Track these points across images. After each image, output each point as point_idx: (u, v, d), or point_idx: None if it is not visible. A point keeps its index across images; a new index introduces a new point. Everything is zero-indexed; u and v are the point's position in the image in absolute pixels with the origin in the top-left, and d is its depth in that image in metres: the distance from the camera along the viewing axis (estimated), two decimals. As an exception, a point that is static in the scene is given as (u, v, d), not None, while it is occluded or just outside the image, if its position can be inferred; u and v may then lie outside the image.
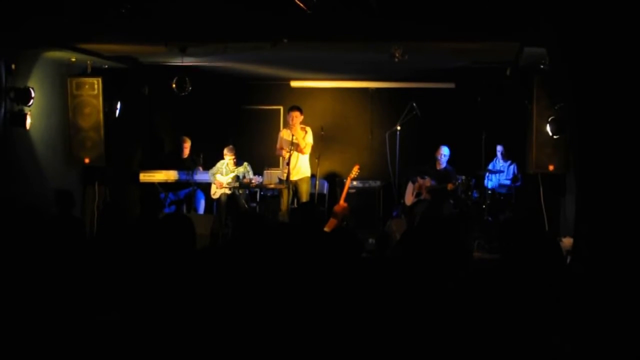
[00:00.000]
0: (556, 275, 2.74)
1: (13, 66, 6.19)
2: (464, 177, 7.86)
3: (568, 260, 4.76)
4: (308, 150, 7.87)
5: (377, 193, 8.84)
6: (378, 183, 8.87)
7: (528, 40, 5.74)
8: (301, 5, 5.11)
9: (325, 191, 9.02)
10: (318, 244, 3.48)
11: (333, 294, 2.85)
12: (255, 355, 2.64)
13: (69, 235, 4.31)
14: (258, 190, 8.64)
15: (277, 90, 9.66)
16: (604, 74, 4.09)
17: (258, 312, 2.76)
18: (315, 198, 8.28)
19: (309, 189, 8.00)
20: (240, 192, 8.23)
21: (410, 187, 8.32)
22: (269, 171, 8.90)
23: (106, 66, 7.54)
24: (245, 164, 8.22)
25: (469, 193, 8.00)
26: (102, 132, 7.39)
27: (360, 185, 8.77)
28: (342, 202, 7.86)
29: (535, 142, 6.96)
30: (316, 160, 8.03)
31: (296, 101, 8.42)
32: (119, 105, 7.60)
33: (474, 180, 7.96)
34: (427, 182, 8.08)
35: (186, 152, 8.71)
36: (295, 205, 7.84)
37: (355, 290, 2.84)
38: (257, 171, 8.35)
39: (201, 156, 8.56)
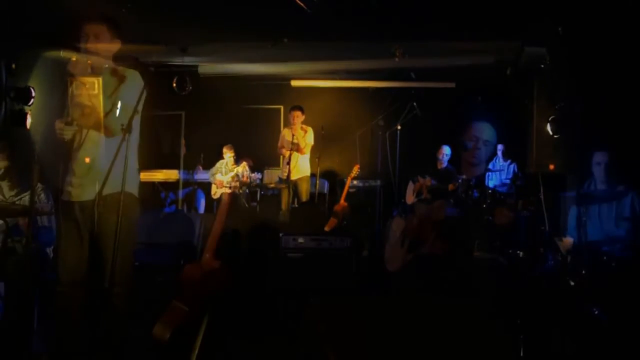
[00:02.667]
0: (556, 275, 2.74)
1: (13, 66, 6.18)
2: (464, 177, 7.86)
3: (568, 260, 4.76)
4: (307, 150, 7.87)
5: (378, 192, 8.85)
6: (378, 182, 8.87)
7: (528, 40, 5.74)
8: (301, 5, 5.11)
9: (325, 190, 9.01)
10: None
11: (332, 293, 2.85)
12: (254, 355, 2.64)
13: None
14: (258, 189, 8.65)
15: (278, 90, 9.66)
16: (604, 73, 4.10)
17: (257, 311, 2.77)
18: (316, 197, 8.28)
19: (309, 188, 8.00)
20: (241, 191, 8.23)
21: (410, 187, 8.32)
22: (269, 170, 8.90)
23: (106, 66, 7.52)
24: (244, 162, 8.22)
25: (469, 193, 8.00)
26: (102, 132, 7.37)
27: (360, 184, 8.77)
28: (342, 201, 7.87)
29: (536, 142, 6.95)
30: (316, 160, 8.04)
31: (297, 101, 8.42)
32: (119, 105, 7.58)
33: (474, 180, 7.96)
34: (428, 181, 8.08)
35: (184, 150, 8.79)
36: (296, 204, 7.84)
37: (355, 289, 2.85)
38: (258, 171, 8.35)
39: (201, 156, 8.56)
